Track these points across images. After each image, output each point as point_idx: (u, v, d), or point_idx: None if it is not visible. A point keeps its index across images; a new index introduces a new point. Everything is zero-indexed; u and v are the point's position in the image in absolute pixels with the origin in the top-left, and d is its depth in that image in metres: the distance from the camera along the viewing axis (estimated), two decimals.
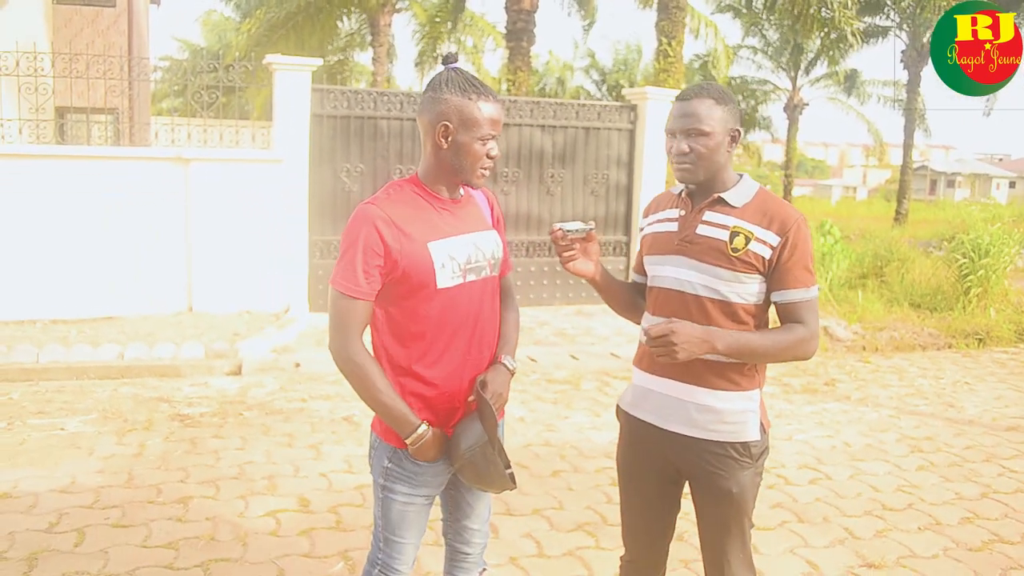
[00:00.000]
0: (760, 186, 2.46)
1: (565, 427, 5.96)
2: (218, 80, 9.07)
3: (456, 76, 2.28)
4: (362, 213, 2.26)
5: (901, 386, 7.52)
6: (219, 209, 8.86)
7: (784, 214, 2.35)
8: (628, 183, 10.94)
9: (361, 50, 25.14)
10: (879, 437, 5.99)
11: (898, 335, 9.26)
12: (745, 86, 29.47)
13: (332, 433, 5.64)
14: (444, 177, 2.35)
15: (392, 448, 2.40)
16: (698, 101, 2.37)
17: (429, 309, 2.31)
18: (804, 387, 7.31)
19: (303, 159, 9.15)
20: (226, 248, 8.91)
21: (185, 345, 7.38)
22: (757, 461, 2.45)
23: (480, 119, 2.26)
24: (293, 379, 6.95)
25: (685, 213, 2.47)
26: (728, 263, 2.34)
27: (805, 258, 2.35)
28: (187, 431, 5.59)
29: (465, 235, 2.38)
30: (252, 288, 9.02)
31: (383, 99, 9.61)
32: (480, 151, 2.29)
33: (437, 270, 2.29)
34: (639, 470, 2.60)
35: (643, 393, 2.55)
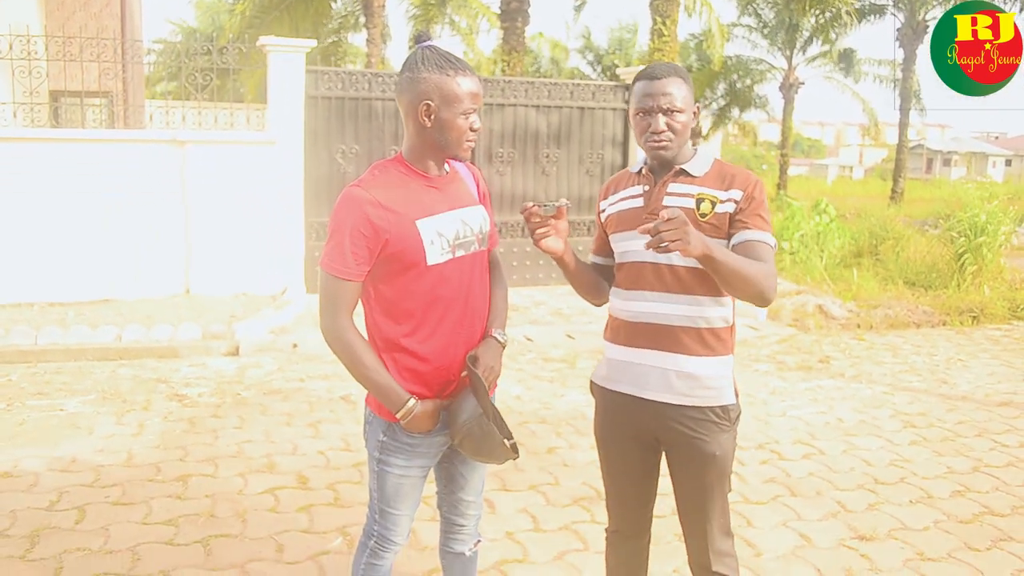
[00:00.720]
0: (715, 155, 2.55)
1: (561, 405, 6.00)
2: (212, 63, 9.05)
3: (431, 54, 2.30)
4: (349, 195, 2.29)
5: (895, 363, 7.57)
6: (215, 192, 8.86)
7: (742, 175, 2.46)
8: (623, 162, 10.96)
9: (355, 32, 25.05)
10: (873, 413, 6.04)
11: (893, 313, 9.30)
12: (740, 65, 29.36)
13: (330, 412, 5.68)
14: (430, 154, 2.38)
15: (386, 422, 2.43)
16: (670, 80, 2.44)
17: (420, 286, 2.34)
18: (798, 364, 7.36)
19: (298, 141, 9.15)
20: (222, 230, 8.93)
21: (183, 327, 7.40)
22: (734, 424, 2.52)
23: (461, 94, 2.28)
24: (291, 359, 6.98)
25: (649, 188, 2.53)
26: (697, 228, 2.38)
27: (762, 208, 2.42)
28: (185, 411, 5.62)
29: (452, 211, 2.41)
30: (249, 270, 9.04)
31: (377, 80, 9.60)
32: (464, 125, 2.32)
33: (426, 247, 2.31)
34: (618, 440, 2.64)
35: (620, 366, 2.58)
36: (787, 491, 4.56)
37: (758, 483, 4.64)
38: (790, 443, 5.34)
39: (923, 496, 4.55)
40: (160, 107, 9.24)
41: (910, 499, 4.51)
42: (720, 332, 2.47)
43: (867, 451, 5.24)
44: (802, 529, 4.10)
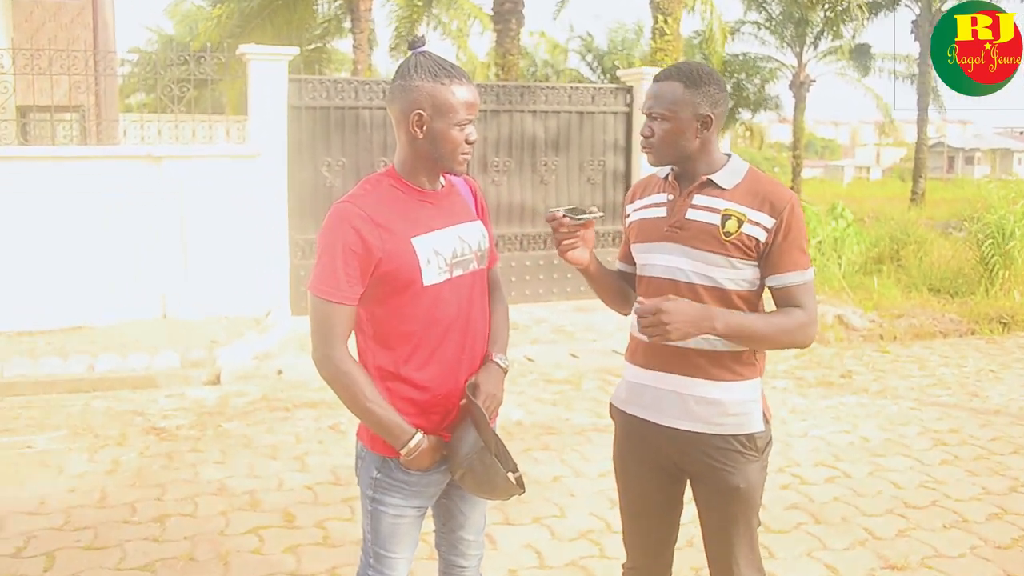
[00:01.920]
0: (750, 166, 2.48)
1: (566, 429, 5.93)
2: (189, 73, 9.03)
3: (425, 60, 2.26)
4: (338, 212, 2.25)
5: (922, 376, 7.51)
6: (193, 209, 8.82)
7: (776, 194, 2.37)
8: (626, 169, 10.93)
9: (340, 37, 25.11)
10: (900, 431, 5.97)
11: (917, 322, 9.25)
12: (748, 63, 29.41)
13: (318, 443, 5.62)
14: (423, 168, 2.33)
15: (381, 457, 2.37)
16: (666, 84, 2.40)
17: (416, 308, 2.30)
18: (819, 380, 7.29)
19: (281, 154, 9.12)
20: (202, 250, 8.88)
21: (160, 354, 7.35)
22: (763, 454, 2.46)
23: (455, 104, 2.24)
24: (276, 387, 6.93)
25: (673, 197, 2.47)
26: (721, 248, 2.35)
27: (800, 239, 2.37)
28: (163, 445, 5.56)
29: (449, 228, 2.37)
30: (230, 292, 8.98)
31: (364, 88, 9.58)
32: (458, 137, 2.27)
33: (422, 267, 2.27)
34: (638, 470, 2.59)
35: (638, 389, 2.54)
36: (811, 518, 4.49)
37: (779, 510, 4.57)
38: (812, 466, 5.27)
39: (957, 520, 4.48)
40: (135, 121, 9.23)
41: (943, 524, 4.44)
42: (743, 355, 2.41)
43: (895, 472, 5.17)
44: (828, 559, 4.03)
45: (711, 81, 2.38)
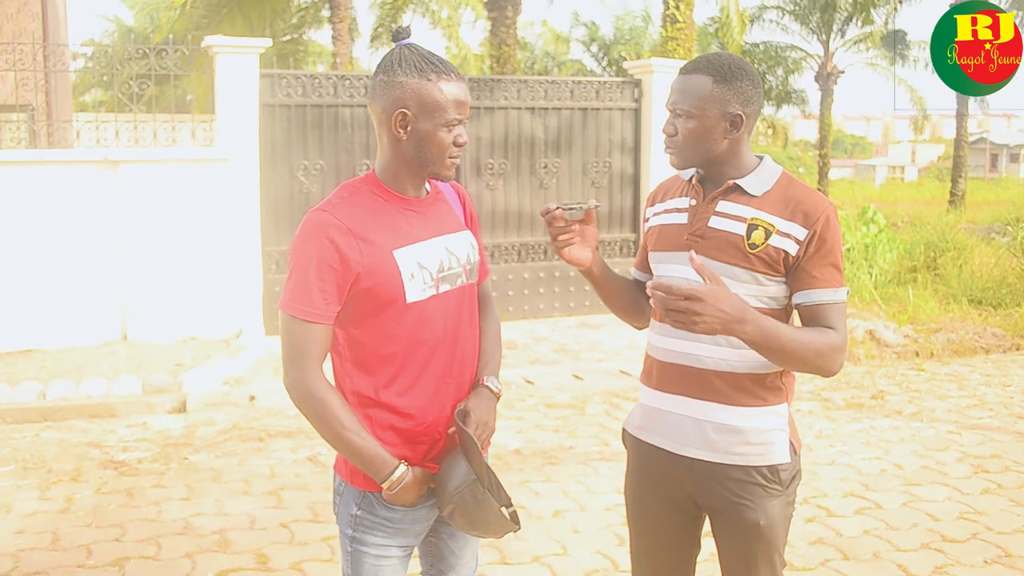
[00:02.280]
0: (783, 170, 2.46)
1: (568, 459, 5.95)
2: (150, 68, 9.08)
3: (410, 54, 2.26)
4: (313, 222, 2.25)
5: (961, 396, 7.53)
6: (156, 219, 8.85)
7: (810, 203, 2.35)
8: (634, 171, 10.98)
9: (318, 27, 25.23)
10: (936, 457, 5.99)
11: (956, 337, 9.28)
12: (770, 53, 29.57)
13: (295, 476, 5.63)
14: (407, 172, 2.34)
15: (361, 492, 2.37)
16: (693, 77, 2.39)
17: (399, 328, 2.30)
18: (848, 402, 7.32)
19: (252, 157, 9.16)
20: (165, 264, 8.91)
21: (119, 380, 7.36)
22: (788, 488, 2.45)
23: (443, 102, 2.24)
24: (248, 415, 6.94)
25: (696, 203, 2.47)
26: (745, 261, 2.34)
27: (834, 254, 2.35)
28: (123, 481, 5.56)
29: (435, 239, 2.37)
30: (197, 310, 9.01)
31: (344, 83, 9.63)
32: (446, 139, 2.27)
33: (405, 282, 2.28)
34: (651, 504, 2.59)
35: (652, 414, 2.55)
36: (839, 554, 4.51)
37: (804, 546, 4.58)
38: (840, 496, 5.29)
39: (1000, 555, 4.50)
40: (90, 122, 9.25)
41: (984, 559, 4.46)
42: (767, 378, 2.40)
43: (932, 503, 5.19)
44: None
45: (744, 76, 2.37)
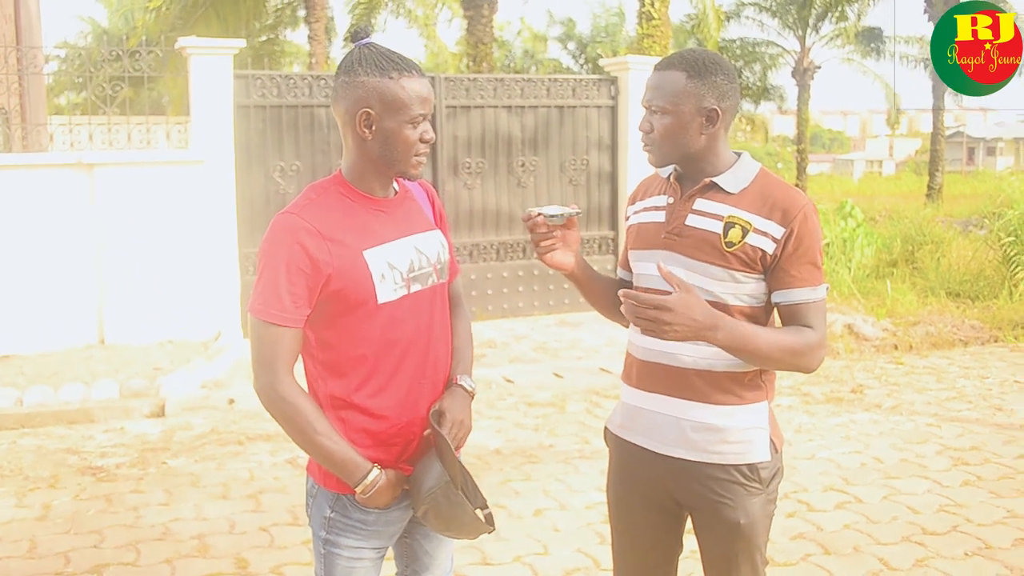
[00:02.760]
0: (761, 167, 2.46)
1: (549, 457, 5.95)
2: (124, 70, 9.02)
3: (370, 53, 2.27)
4: (281, 225, 2.25)
5: (940, 389, 7.57)
6: (131, 222, 8.80)
7: (788, 200, 2.36)
8: (612, 169, 10.99)
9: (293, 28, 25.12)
10: (916, 450, 6.02)
11: (935, 330, 9.33)
12: (747, 50, 29.67)
13: (274, 480, 5.61)
14: (373, 172, 2.34)
15: (334, 495, 2.37)
16: (667, 73, 2.39)
17: (370, 329, 2.30)
18: (827, 396, 7.35)
19: (228, 159, 9.13)
20: (142, 267, 8.86)
21: (97, 384, 7.32)
22: (768, 486, 2.45)
23: (406, 99, 2.25)
24: (227, 418, 6.91)
25: (674, 201, 2.47)
26: (722, 259, 2.34)
27: (812, 252, 2.35)
28: (101, 487, 5.53)
29: (405, 238, 2.38)
30: (175, 313, 8.96)
31: (320, 84, 9.60)
32: (412, 137, 2.28)
33: (376, 282, 2.28)
34: (632, 503, 2.59)
35: (633, 412, 2.55)
36: (819, 549, 4.52)
37: (785, 541, 4.59)
38: (820, 490, 5.31)
39: (980, 547, 4.53)
40: (63, 124, 9.20)
41: (965, 551, 4.48)
42: (746, 376, 2.41)
43: (912, 496, 5.21)
44: None
45: (718, 71, 2.37)
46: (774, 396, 2.51)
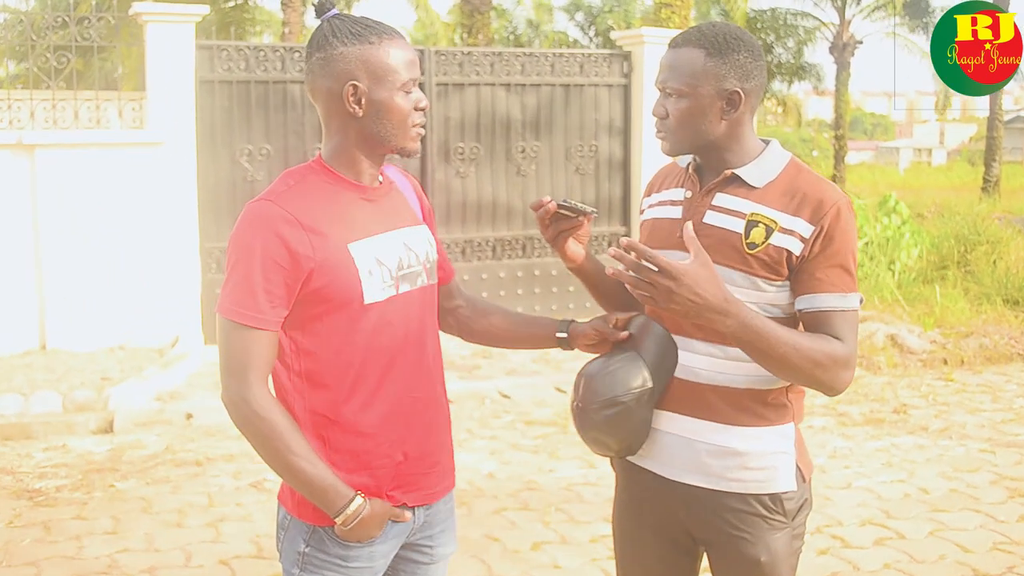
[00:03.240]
0: (791, 157, 2.45)
1: (549, 483, 5.94)
2: (71, 38, 9.01)
3: (342, 23, 2.28)
4: (256, 214, 2.24)
5: (995, 410, 7.57)
6: (78, 212, 8.79)
7: (820, 195, 2.33)
8: (624, 156, 11.00)
9: None
10: (967, 479, 6.02)
11: (990, 342, 9.32)
12: (779, 22, 29.70)
13: (236, 505, 5.60)
14: (366, 153, 2.34)
15: (310, 527, 2.35)
16: (683, 51, 2.38)
17: (354, 333, 2.29)
18: (866, 416, 7.34)
19: (189, 141, 9.12)
20: (89, 263, 8.85)
21: (36, 396, 7.31)
22: (793, 519, 2.44)
23: (394, 64, 2.26)
24: (184, 435, 6.91)
25: (692, 195, 2.47)
26: (743, 264, 2.33)
27: (844, 255, 2.33)
28: (39, 512, 5.52)
29: (392, 232, 2.37)
30: (127, 315, 8.95)
31: (294, 56, 9.60)
32: (405, 105, 2.28)
33: (363, 279, 2.27)
34: (641, 536, 2.59)
35: None
36: None
37: None
38: (857, 524, 5.30)
39: None
40: (1, 100, 9.17)
41: None
42: (769, 395, 2.40)
43: (961, 532, 5.21)
44: None
45: (741, 48, 2.36)
46: (803, 417, 2.50)
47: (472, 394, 7.43)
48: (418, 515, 2.44)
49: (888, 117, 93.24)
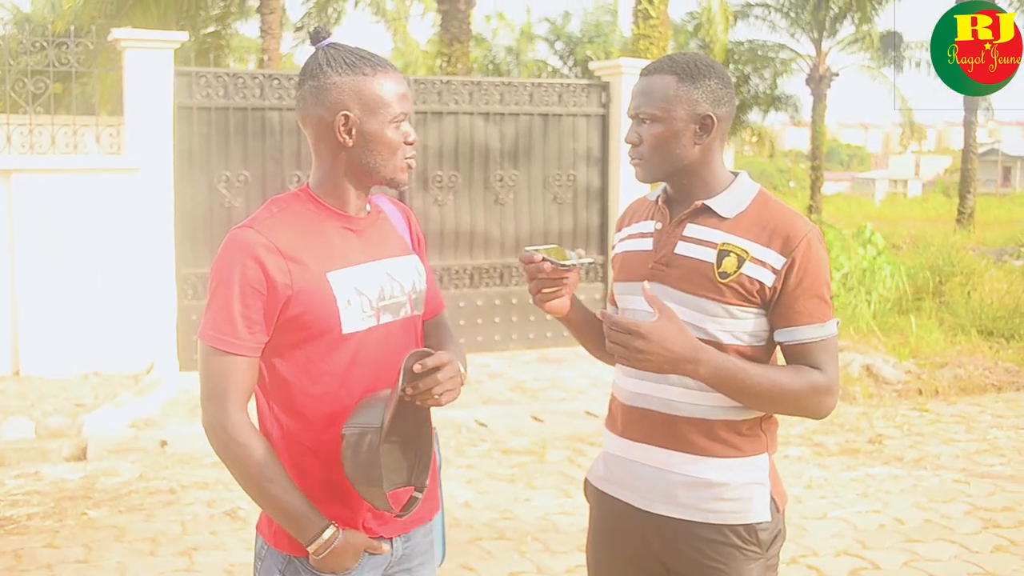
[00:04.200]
0: (760, 188, 2.48)
1: (525, 513, 5.93)
2: (48, 62, 9.00)
3: (337, 53, 2.29)
4: (236, 241, 2.25)
5: (970, 440, 7.61)
6: (53, 237, 8.76)
7: (789, 226, 2.37)
8: (602, 185, 11.05)
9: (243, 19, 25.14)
10: (942, 510, 6.04)
11: (964, 372, 9.38)
12: (756, 53, 29.90)
13: (211, 534, 5.57)
14: (354, 183, 2.36)
15: (286, 557, 2.35)
16: (656, 78, 2.41)
17: (333, 362, 2.30)
18: (842, 447, 7.37)
19: (166, 167, 9.11)
20: (64, 289, 8.81)
21: (8, 423, 7.27)
22: (768, 549, 2.45)
23: (386, 97, 2.28)
24: (158, 462, 6.86)
25: (662, 227, 2.49)
26: (716, 292, 2.35)
27: (818, 284, 2.36)
28: (9, 540, 5.47)
29: (375, 262, 2.38)
30: (101, 341, 8.91)
31: (273, 84, 9.62)
32: (396, 137, 2.30)
33: (341, 308, 2.28)
34: (615, 566, 2.59)
35: (617, 463, 2.55)
36: None
37: None
38: (832, 555, 5.31)
39: None
40: None
41: None
42: (743, 426, 2.42)
43: (936, 562, 5.22)
44: None
45: (712, 74, 2.40)
46: (776, 447, 2.51)
47: (448, 422, 7.41)
48: (396, 546, 2.43)
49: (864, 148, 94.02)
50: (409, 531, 2.46)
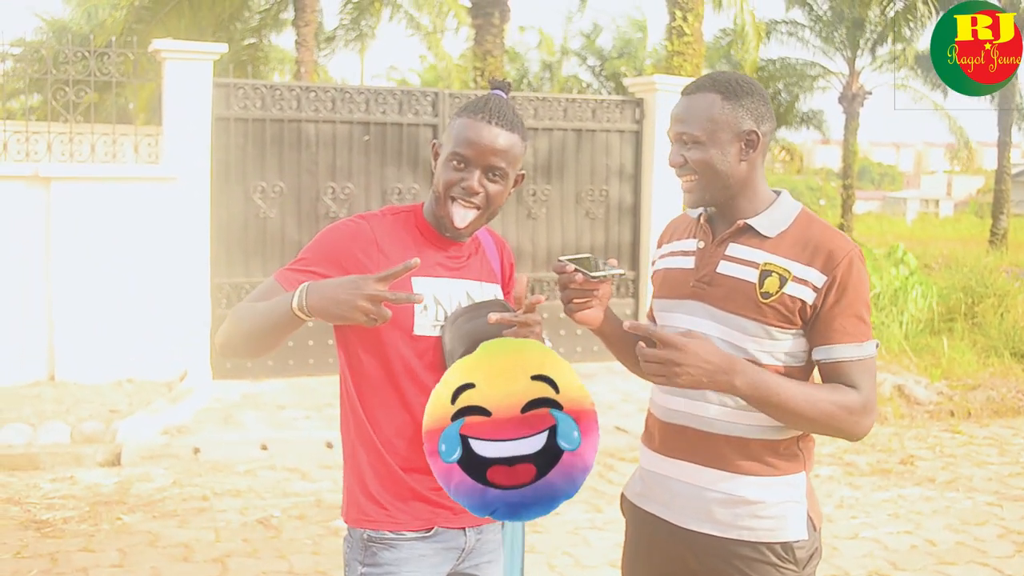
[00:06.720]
0: (802, 207, 2.48)
1: (555, 527, 5.93)
2: (89, 72, 9.09)
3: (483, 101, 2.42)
4: (344, 223, 2.45)
5: (1003, 463, 7.56)
6: (90, 244, 8.83)
7: (832, 245, 2.37)
8: (634, 201, 11.03)
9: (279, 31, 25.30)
10: (974, 532, 6.01)
11: (997, 395, 9.32)
12: (788, 70, 29.81)
13: (243, 542, 5.60)
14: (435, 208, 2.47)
15: (362, 539, 2.43)
16: (699, 97, 2.42)
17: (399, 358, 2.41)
18: (873, 467, 7.34)
19: (203, 177, 9.17)
20: (101, 296, 8.88)
21: (44, 427, 7.32)
22: (804, 568, 2.44)
23: (464, 137, 2.37)
24: (191, 469, 6.91)
25: (704, 245, 2.49)
26: (757, 313, 2.36)
27: (857, 304, 2.36)
28: (46, 544, 5.52)
29: (458, 280, 2.49)
30: (136, 349, 8.97)
31: (309, 96, 9.67)
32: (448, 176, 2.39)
33: (416, 311, 2.39)
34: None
35: (653, 480, 2.56)
36: None
37: None
38: (864, 575, 5.28)
39: None
40: (18, 132, 9.25)
41: None
42: (781, 445, 2.42)
43: None
44: None
45: (754, 92, 2.41)
46: (813, 466, 2.52)
47: None
48: (469, 536, 2.52)
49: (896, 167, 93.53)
50: (482, 525, 2.54)
